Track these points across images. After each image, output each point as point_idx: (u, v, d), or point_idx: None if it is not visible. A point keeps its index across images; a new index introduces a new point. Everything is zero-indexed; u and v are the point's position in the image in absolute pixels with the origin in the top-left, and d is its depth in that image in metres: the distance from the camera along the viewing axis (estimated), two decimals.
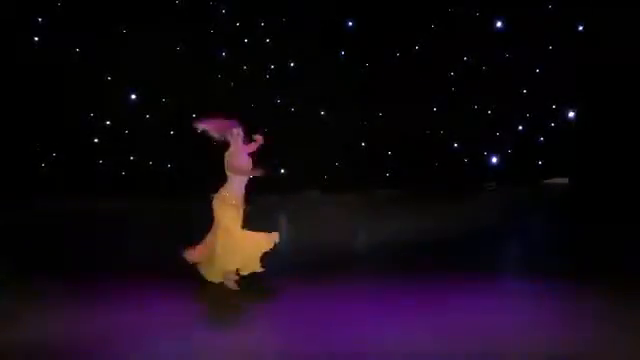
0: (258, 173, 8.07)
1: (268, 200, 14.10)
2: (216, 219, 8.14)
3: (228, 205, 8.06)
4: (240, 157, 8.14)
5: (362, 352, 6.45)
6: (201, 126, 8.18)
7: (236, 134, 8.15)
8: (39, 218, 12.93)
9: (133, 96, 15.23)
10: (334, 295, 8.11)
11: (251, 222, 8.24)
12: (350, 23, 15.34)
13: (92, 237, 11.43)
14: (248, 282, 8.23)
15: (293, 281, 8.61)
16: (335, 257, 8.67)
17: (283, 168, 15.40)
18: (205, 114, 8.41)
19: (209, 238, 8.22)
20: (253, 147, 8.36)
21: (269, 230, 8.16)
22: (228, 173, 8.11)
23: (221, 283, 8.17)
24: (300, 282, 8.58)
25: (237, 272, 8.19)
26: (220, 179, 8.19)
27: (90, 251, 10.36)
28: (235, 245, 8.05)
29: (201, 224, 8.45)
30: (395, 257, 9.96)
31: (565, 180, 16.02)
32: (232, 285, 8.13)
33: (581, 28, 15.26)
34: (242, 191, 8.14)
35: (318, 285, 8.40)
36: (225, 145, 8.19)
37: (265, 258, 8.14)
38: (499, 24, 15.39)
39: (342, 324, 7.27)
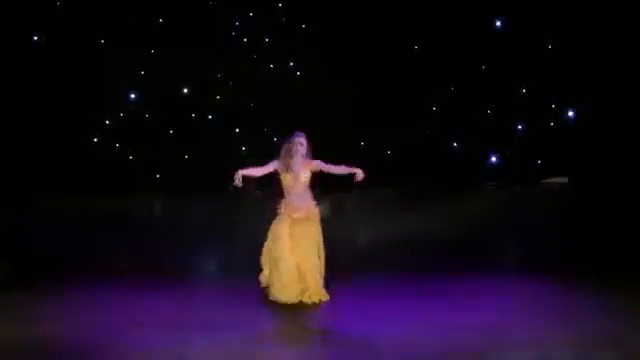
0: None
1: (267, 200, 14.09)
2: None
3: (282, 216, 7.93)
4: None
5: (361, 352, 6.46)
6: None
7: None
8: (38, 218, 12.94)
9: (132, 95, 15.24)
10: (333, 295, 8.11)
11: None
12: (350, 23, 15.33)
13: (91, 237, 11.44)
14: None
15: None
16: (334, 256, 8.67)
17: None
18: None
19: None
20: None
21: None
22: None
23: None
24: None
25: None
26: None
27: (89, 251, 10.37)
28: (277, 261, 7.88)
29: (200, 224, 8.45)
30: (394, 256, 9.97)
31: (565, 179, 16.02)
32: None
33: (580, 29, 15.25)
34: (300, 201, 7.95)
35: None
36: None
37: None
38: (498, 24, 15.40)
39: (341, 324, 7.28)
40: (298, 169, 7.97)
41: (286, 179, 8.01)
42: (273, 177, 8.08)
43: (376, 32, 15.17)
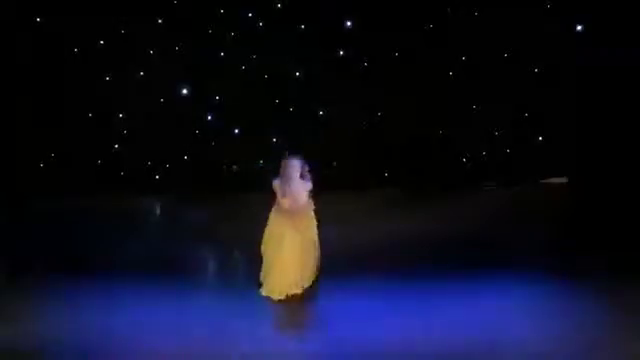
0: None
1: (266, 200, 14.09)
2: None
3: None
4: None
5: (360, 352, 6.47)
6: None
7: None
8: (38, 217, 12.93)
9: (132, 95, 15.21)
10: (332, 294, 8.13)
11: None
12: (349, 22, 15.29)
13: (91, 236, 11.44)
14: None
15: None
16: (334, 256, 8.69)
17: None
18: None
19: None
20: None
21: None
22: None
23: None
24: None
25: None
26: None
27: (88, 250, 10.37)
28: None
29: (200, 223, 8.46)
30: (393, 257, 9.97)
31: (564, 179, 16.00)
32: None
33: (580, 28, 15.22)
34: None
35: (316, 284, 8.41)
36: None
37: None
38: (498, 23, 15.36)
39: (340, 323, 7.29)
40: (296, 191, 8.02)
41: (285, 203, 8.05)
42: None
43: (375, 30, 15.13)
